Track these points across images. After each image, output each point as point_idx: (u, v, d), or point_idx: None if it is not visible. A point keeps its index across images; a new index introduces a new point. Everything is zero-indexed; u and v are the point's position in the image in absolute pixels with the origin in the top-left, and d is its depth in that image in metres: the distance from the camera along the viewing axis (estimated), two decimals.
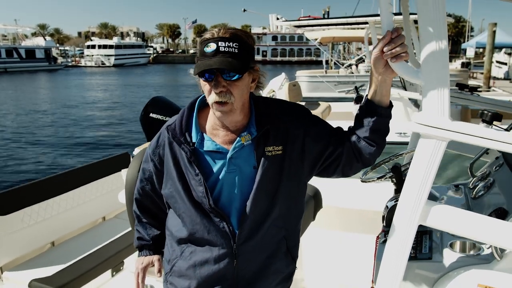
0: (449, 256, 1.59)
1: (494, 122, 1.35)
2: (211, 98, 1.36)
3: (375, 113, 1.41)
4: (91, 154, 12.21)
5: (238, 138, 1.44)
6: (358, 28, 8.19)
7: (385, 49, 1.24)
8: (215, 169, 1.45)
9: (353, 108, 7.24)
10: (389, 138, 1.50)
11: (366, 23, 6.38)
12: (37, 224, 3.04)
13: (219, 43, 1.31)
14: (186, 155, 1.44)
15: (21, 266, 2.85)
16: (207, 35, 1.34)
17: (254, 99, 1.51)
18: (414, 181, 1.27)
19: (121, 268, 2.92)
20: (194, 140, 1.46)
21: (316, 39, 12.92)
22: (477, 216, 1.29)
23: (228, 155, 1.43)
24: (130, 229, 3.21)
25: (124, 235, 3.15)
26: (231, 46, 1.31)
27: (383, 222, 1.81)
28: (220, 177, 1.45)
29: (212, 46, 1.31)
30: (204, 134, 1.48)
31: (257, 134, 1.44)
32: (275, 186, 1.45)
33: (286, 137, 1.46)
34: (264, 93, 9.65)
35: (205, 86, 1.37)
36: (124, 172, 3.37)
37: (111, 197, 3.64)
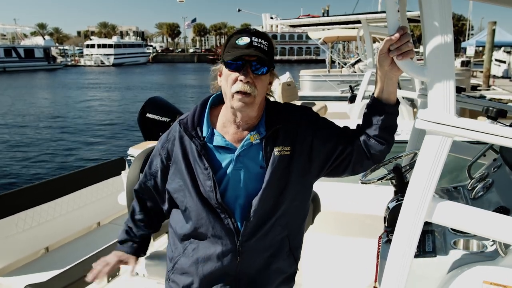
0: (453, 254, 1.58)
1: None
2: (236, 87, 1.38)
3: (383, 111, 1.42)
4: (90, 155, 12.22)
5: (247, 136, 1.47)
6: (353, 28, 8.14)
7: (391, 47, 1.25)
8: (223, 164, 1.47)
9: (348, 108, 7.20)
10: None
11: (358, 21, 6.31)
12: (31, 229, 3.02)
13: (253, 38, 1.38)
14: (196, 149, 1.46)
15: (15, 272, 2.83)
16: (240, 30, 1.42)
17: (267, 101, 1.54)
18: (420, 178, 1.27)
19: (117, 273, 2.89)
20: (204, 134, 1.49)
21: (319, 39, 12.90)
22: (483, 212, 1.29)
23: (236, 153, 1.46)
24: None
25: None
26: (263, 43, 1.39)
27: (384, 223, 1.81)
28: (227, 173, 1.47)
29: (245, 39, 1.38)
30: (214, 130, 1.50)
31: (266, 134, 1.46)
32: (282, 186, 1.46)
33: (295, 138, 1.48)
34: None
35: (230, 75, 1.39)
36: (124, 175, 3.34)
37: (107, 202, 3.63)
